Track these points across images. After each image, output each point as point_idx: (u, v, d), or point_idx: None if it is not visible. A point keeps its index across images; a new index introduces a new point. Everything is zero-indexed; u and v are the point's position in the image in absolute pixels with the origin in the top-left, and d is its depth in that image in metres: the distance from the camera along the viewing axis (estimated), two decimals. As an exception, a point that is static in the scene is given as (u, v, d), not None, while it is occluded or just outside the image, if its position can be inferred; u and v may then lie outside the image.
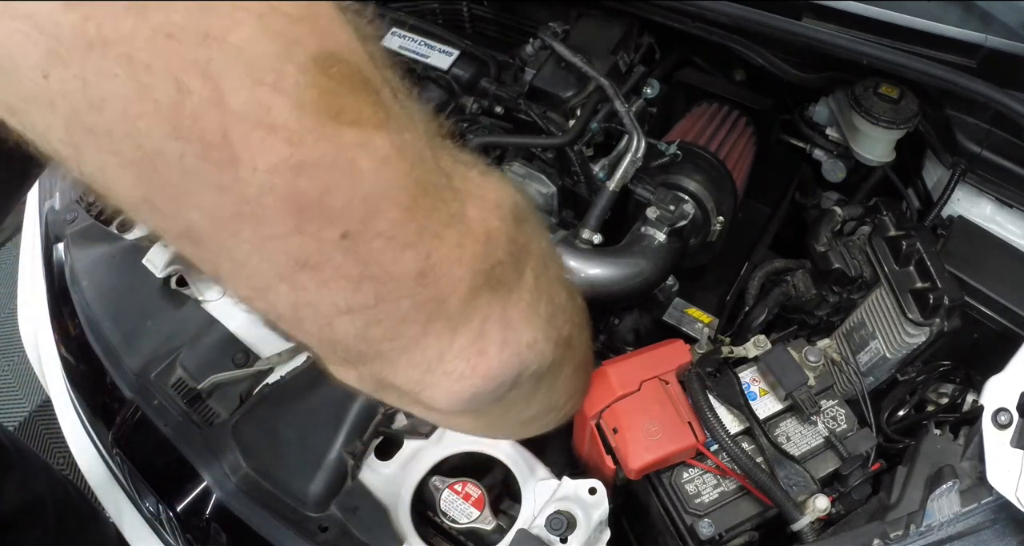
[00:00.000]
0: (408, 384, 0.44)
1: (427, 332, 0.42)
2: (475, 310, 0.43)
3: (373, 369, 0.44)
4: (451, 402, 0.45)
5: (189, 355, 1.01)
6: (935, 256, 0.98)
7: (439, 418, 0.55)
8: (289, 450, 0.89)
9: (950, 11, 0.98)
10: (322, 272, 0.38)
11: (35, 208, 1.36)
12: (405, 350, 0.42)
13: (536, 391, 0.53)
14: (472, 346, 0.43)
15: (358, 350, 0.42)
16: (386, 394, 0.49)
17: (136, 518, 1.11)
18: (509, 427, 0.61)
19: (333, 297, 0.39)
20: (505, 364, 0.45)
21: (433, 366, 0.43)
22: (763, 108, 1.35)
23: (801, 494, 0.81)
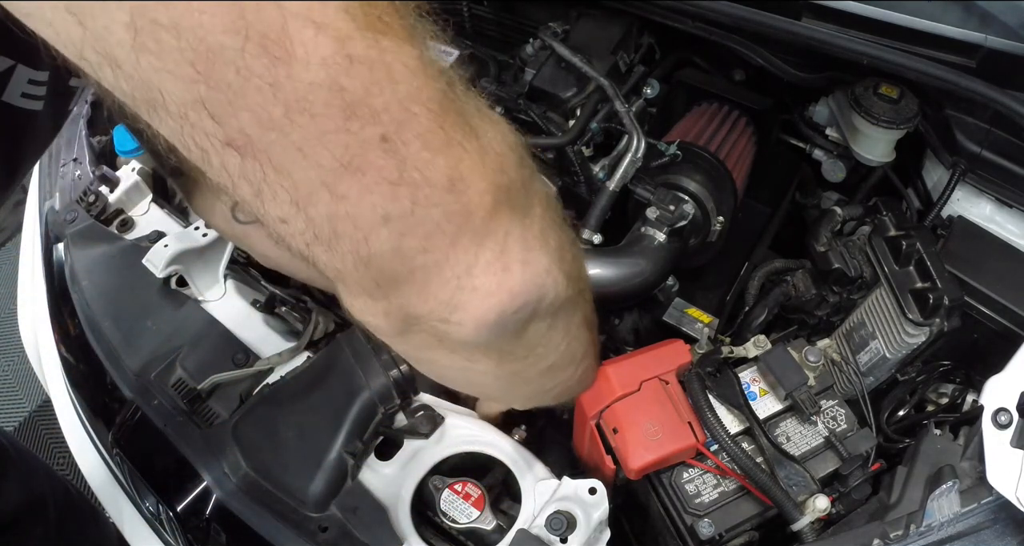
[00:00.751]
0: (437, 309, 0.46)
1: (456, 245, 0.43)
2: (498, 225, 0.45)
3: (402, 298, 0.45)
4: (479, 322, 0.47)
5: (189, 355, 1.01)
6: (935, 256, 0.98)
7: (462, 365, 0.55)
8: (289, 450, 0.89)
9: (950, 11, 0.98)
10: (364, 175, 0.39)
11: (35, 208, 1.36)
12: (436, 265, 0.44)
13: (553, 330, 0.54)
14: (497, 261, 0.45)
15: (391, 269, 0.43)
16: (410, 335, 0.50)
17: (136, 518, 1.11)
18: (531, 379, 0.61)
19: (372, 204, 0.40)
20: (527, 283, 0.47)
21: (463, 282, 0.45)
22: (763, 108, 1.35)
23: (801, 494, 0.81)
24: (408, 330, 0.49)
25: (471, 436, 0.88)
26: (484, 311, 0.46)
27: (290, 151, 0.38)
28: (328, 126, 0.38)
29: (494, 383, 0.60)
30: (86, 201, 1.20)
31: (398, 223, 0.41)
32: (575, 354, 0.62)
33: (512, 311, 0.47)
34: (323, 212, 0.41)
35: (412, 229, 0.42)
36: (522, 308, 0.48)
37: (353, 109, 0.38)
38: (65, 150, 1.33)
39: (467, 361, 0.55)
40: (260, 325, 1.05)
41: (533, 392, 0.65)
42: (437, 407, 0.91)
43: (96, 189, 1.21)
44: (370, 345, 0.89)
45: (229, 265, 1.10)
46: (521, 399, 0.68)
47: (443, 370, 0.60)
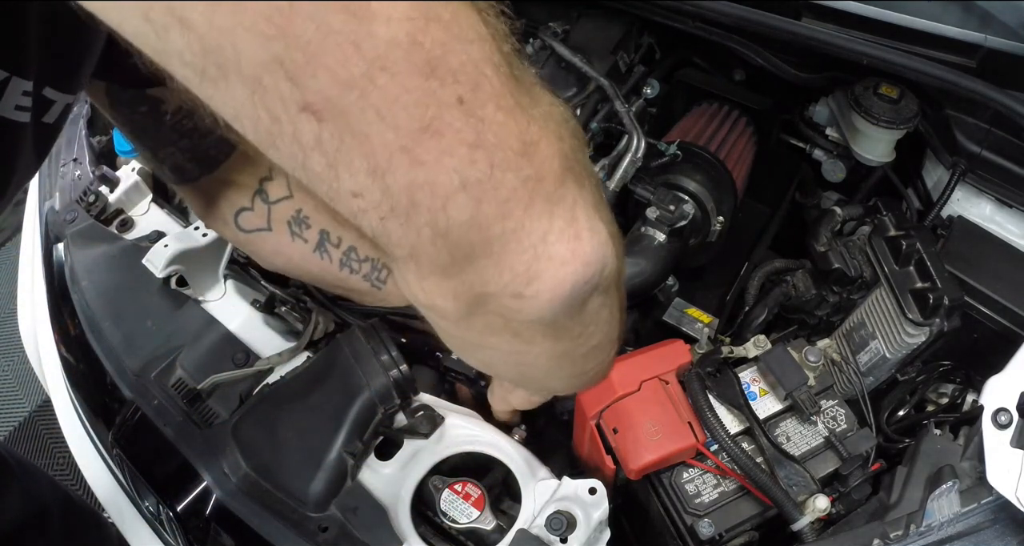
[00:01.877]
0: (513, 281, 0.45)
1: (531, 211, 0.43)
2: (566, 192, 0.45)
3: (476, 274, 0.45)
4: (554, 293, 0.46)
5: (189, 355, 1.01)
6: (935, 256, 0.98)
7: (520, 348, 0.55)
8: (289, 450, 0.89)
9: (950, 11, 0.98)
10: (442, 138, 0.39)
11: (35, 208, 1.36)
12: (513, 234, 0.43)
13: (604, 307, 0.55)
14: (569, 228, 0.45)
15: (468, 240, 0.43)
16: (475, 318, 0.49)
17: (136, 518, 1.11)
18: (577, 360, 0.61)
19: (451, 169, 0.40)
20: (596, 251, 0.47)
21: (539, 250, 0.44)
22: (763, 108, 1.35)
23: (801, 494, 0.81)
24: (475, 312, 0.49)
25: (471, 436, 0.88)
26: (560, 280, 0.46)
27: (369, 113, 0.38)
28: (408, 85, 0.37)
29: (543, 365, 0.60)
30: (86, 201, 1.20)
31: (476, 189, 0.41)
32: (614, 334, 0.62)
33: (584, 281, 0.47)
34: (401, 180, 0.40)
35: (489, 195, 0.42)
36: (592, 278, 0.48)
37: (432, 68, 0.38)
38: (65, 150, 1.33)
39: (526, 344, 0.54)
40: (260, 325, 1.05)
41: (572, 374, 0.65)
42: (437, 407, 0.91)
43: (96, 189, 1.21)
44: (370, 345, 0.89)
45: (229, 265, 1.10)
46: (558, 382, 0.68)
47: (497, 355, 0.59)
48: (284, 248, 0.96)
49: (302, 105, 0.37)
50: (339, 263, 0.97)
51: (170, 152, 0.87)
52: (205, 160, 0.88)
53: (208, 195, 0.93)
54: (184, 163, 0.88)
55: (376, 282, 1.01)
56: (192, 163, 0.88)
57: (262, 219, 0.94)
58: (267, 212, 0.94)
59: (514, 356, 0.57)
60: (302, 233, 0.95)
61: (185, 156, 0.87)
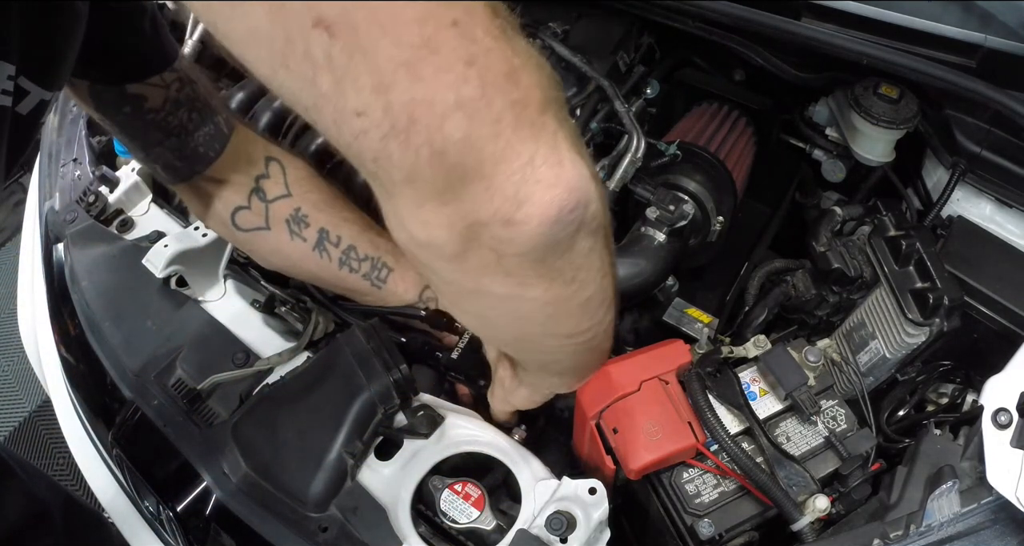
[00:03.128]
0: (503, 206, 0.48)
1: (518, 133, 0.46)
2: (548, 120, 0.48)
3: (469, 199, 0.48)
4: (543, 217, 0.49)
5: (189, 355, 1.01)
6: (935, 256, 0.98)
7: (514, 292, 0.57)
8: (289, 450, 0.89)
9: (950, 11, 0.98)
10: (439, 54, 0.42)
11: (35, 208, 1.36)
12: (503, 155, 0.46)
13: (593, 253, 0.57)
14: (552, 154, 0.48)
15: (462, 160, 0.46)
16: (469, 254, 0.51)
17: (136, 518, 1.11)
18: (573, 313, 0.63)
19: (447, 85, 0.43)
20: (579, 179, 0.49)
21: (527, 173, 0.47)
22: (763, 108, 1.35)
23: (801, 494, 0.81)
24: (468, 247, 0.51)
25: (471, 436, 0.88)
26: (547, 203, 0.48)
27: (375, 28, 0.41)
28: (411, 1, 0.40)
29: (538, 315, 0.61)
30: (86, 201, 1.20)
31: (469, 107, 0.44)
32: (607, 292, 0.64)
33: (569, 208, 0.49)
34: (402, 96, 0.43)
35: (482, 113, 0.44)
36: (576, 207, 0.50)
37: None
38: (65, 150, 1.33)
39: (519, 285, 0.56)
40: (260, 325, 1.05)
41: (569, 332, 0.66)
42: (437, 407, 0.91)
43: (96, 189, 1.21)
44: (370, 345, 0.89)
45: (229, 265, 1.10)
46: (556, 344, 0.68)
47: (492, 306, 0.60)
48: (283, 247, 0.96)
49: (316, 20, 0.40)
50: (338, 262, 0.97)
51: (160, 151, 0.87)
52: (195, 157, 0.88)
53: (204, 194, 0.93)
54: (174, 161, 0.88)
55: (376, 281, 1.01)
56: (182, 161, 0.88)
57: (260, 218, 0.94)
58: (265, 210, 0.94)
59: (510, 303, 0.59)
60: (301, 232, 0.95)
61: (175, 154, 0.87)
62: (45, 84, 0.65)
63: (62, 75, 0.68)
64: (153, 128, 0.84)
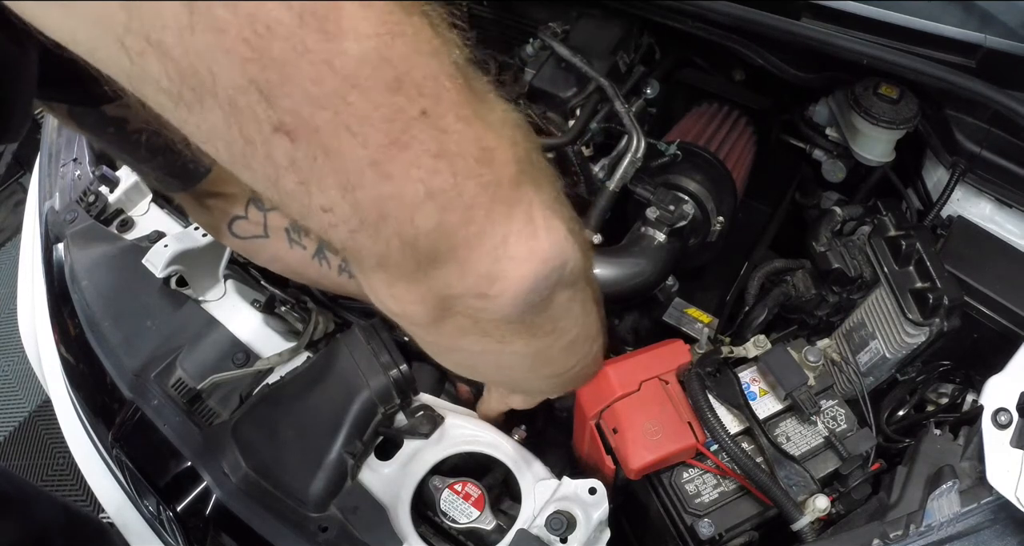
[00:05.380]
0: (476, 283, 0.47)
1: (491, 215, 0.45)
2: (522, 195, 0.47)
3: (442, 277, 0.47)
4: (516, 291, 0.48)
5: (189, 355, 1.01)
6: (935, 256, 0.98)
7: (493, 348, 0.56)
8: (289, 450, 0.89)
9: (950, 11, 0.98)
10: (408, 151, 0.40)
11: (35, 208, 1.36)
12: (477, 238, 0.45)
13: (573, 302, 0.56)
14: (526, 228, 0.47)
15: (434, 247, 0.45)
16: (445, 321, 0.51)
17: (136, 518, 1.11)
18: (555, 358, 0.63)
19: (417, 180, 0.41)
20: (553, 247, 0.49)
21: (499, 252, 0.46)
22: (763, 108, 1.35)
23: (801, 494, 0.81)
24: (443, 316, 0.50)
25: (471, 436, 0.88)
26: (520, 278, 0.48)
27: (340, 130, 0.39)
28: (377, 101, 0.39)
29: (521, 364, 0.61)
30: (86, 201, 1.20)
31: (440, 197, 0.42)
32: (591, 329, 0.64)
33: (544, 276, 0.49)
34: (370, 194, 0.41)
35: (454, 202, 0.43)
36: (552, 273, 0.49)
37: (398, 83, 0.39)
38: (65, 150, 1.33)
39: (498, 343, 0.56)
40: (260, 325, 1.05)
41: (556, 371, 0.66)
42: (437, 407, 0.91)
43: (96, 189, 1.21)
44: (370, 345, 0.89)
45: (229, 265, 1.10)
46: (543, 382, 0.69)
47: (474, 358, 0.60)
48: (282, 254, 0.96)
49: (276, 125, 0.38)
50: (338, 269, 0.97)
51: (149, 168, 0.86)
52: (184, 174, 0.88)
53: (200, 205, 0.92)
54: (166, 177, 0.88)
55: None
56: (173, 178, 0.88)
57: (258, 227, 0.94)
58: (263, 219, 0.94)
59: (491, 357, 0.59)
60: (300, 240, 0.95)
61: (163, 172, 0.87)
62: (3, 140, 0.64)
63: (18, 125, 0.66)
64: (139, 148, 0.83)
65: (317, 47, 0.36)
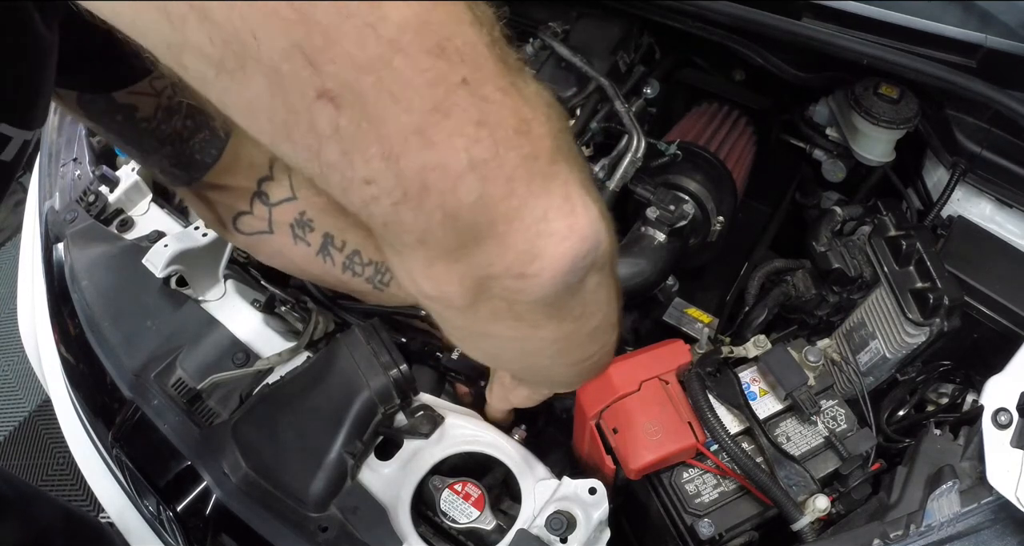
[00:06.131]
0: (516, 261, 0.47)
1: (531, 189, 0.45)
2: (559, 170, 0.46)
3: (482, 254, 0.46)
4: (555, 269, 0.48)
5: (189, 355, 1.01)
6: (935, 256, 0.98)
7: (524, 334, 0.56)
8: (289, 450, 0.89)
9: (950, 11, 0.98)
10: (451, 118, 0.40)
11: (35, 208, 1.36)
12: (517, 212, 0.45)
13: (601, 286, 0.56)
14: (565, 204, 0.46)
15: (475, 221, 0.44)
16: (479, 304, 0.50)
17: (136, 518, 1.11)
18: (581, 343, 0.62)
19: (460, 149, 0.41)
20: (591, 225, 0.48)
21: (540, 227, 0.46)
22: (763, 108, 1.35)
23: (801, 494, 0.81)
24: (479, 299, 0.50)
25: (471, 436, 0.88)
26: (560, 256, 0.47)
27: (384, 96, 0.39)
28: (421, 65, 0.38)
29: (548, 350, 0.61)
30: (86, 201, 1.20)
31: (483, 168, 0.42)
32: (612, 318, 0.63)
33: (582, 256, 0.48)
34: (414, 163, 0.41)
35: (495, 173, 0.43)
36: (589, 253, 0.49)
37: (440, 48, 0.39)
38: (65, 150, 1.33)
39: (530, 328, 0.55)
40: (260, 325, 1.05)
41: (577, 359, 0.66)
42: (437, 407, 0.91)
43: (96, 189, 1.21)
44: (370, 345, 0.89)
45: (229, 265, 1.10)
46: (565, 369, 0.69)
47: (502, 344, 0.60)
48: (286, 250, 0.96)
49: (320, 91, 0.38)
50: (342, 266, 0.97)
51: (156, 158, 0.86)
52: (191, 165, 0.88)
53: (205, 199, 0.92)
54: (172, 168, 0.88)
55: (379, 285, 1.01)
56: (180, 168, 0.88)
57: (263, 222, 0.94)
58: (268, 214, 0.94)
59: (519, 343, 0.58)
60: (305, 236, 0.95)
61: (171, 162, 0.87)
62: (25, 125, 0.63)
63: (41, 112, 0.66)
64: (147, 137, 0.83)
65: (360, 11, 0.36)
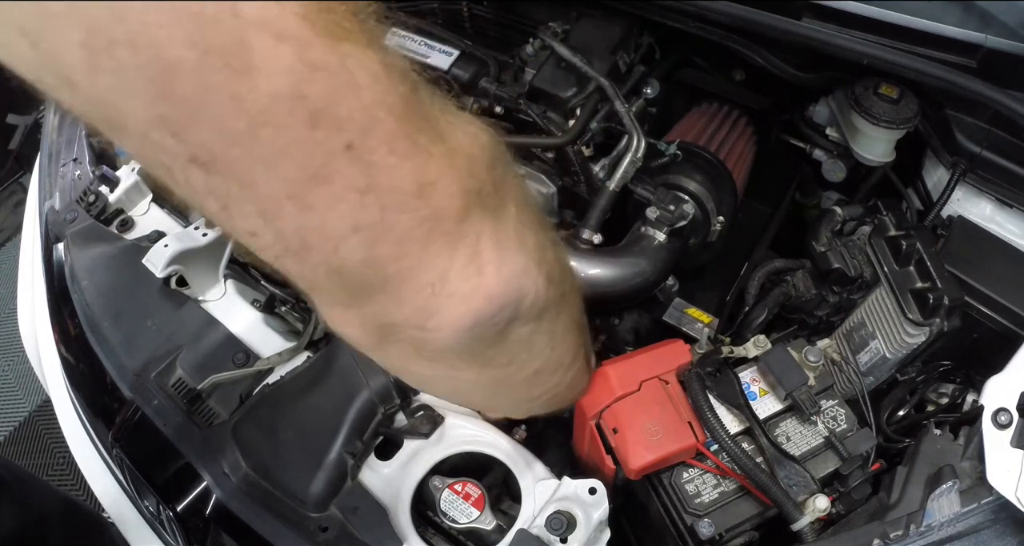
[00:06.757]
0: (413, 315, 0.45)
1: (428, 250, 0.43)
2: (469, 227, 0.44)
3: (376, 306, 0.45)
4: (456, 328, 0.46)
5: (189, 355, 1.01)
6: (935, 256, 0.98)
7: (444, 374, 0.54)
8: (289, 450, 0.89)
9: (950, 11, 0.98)
10: (331, 185, 0.39)
11: (35, 208, 1.36)
12: (410, 272, 0.43)
13: (537, 334, 0.53)
14: (471, 264, 0.45)
15: (364, 278, 0.43)
16: (387, 345, 0.49)
17: (136, 518, 1.11)
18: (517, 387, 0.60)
19: (341, 214, 0.40)
20: (504, 284, 0.46)
21: (437, 288, 0.44)
22: (763, 108, 1.35)
23: (801, 494, 0.81)
24: (385, 341, 0.49)
25: (471, 436, 0.88)
26: (460, 316, 0.46)
27: (255, 165, 0.38)
28: (292, 137, 0.37)
29: (478, 391, 0.59)
30: (86, 201, 1.20)
31: (368, 232, 0.41)
32: (562, 359, 0.61)
33: (490, 315, 0.47)
34: (291, 224, 0.40)
35: (383, 236, 0.41)
36: (500, 311, 0.47)
37: (317, 118, 0.37)
38: (65, 150, 1.33)
39: (449, 370, 0.54)
40: (260, 325, 1.05)
41: (520, 400, 0.64)
42: (437, 407, 0.91)
43: (96, 189, 1.21)
44: (370, 345, 0.89)
45: (229, 265, 1.10)
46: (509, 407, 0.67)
47: (427, 380, 0.59)
48: None
49: (189, 157, 0.37)
50: None
51: None
52: None
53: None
54: None
55: None
56: None
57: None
58: None
59: (444, 382, 0.57)
60: None
61: None
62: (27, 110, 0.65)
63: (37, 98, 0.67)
64: None
65: (224, 85, 0.35)
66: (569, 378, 0.64)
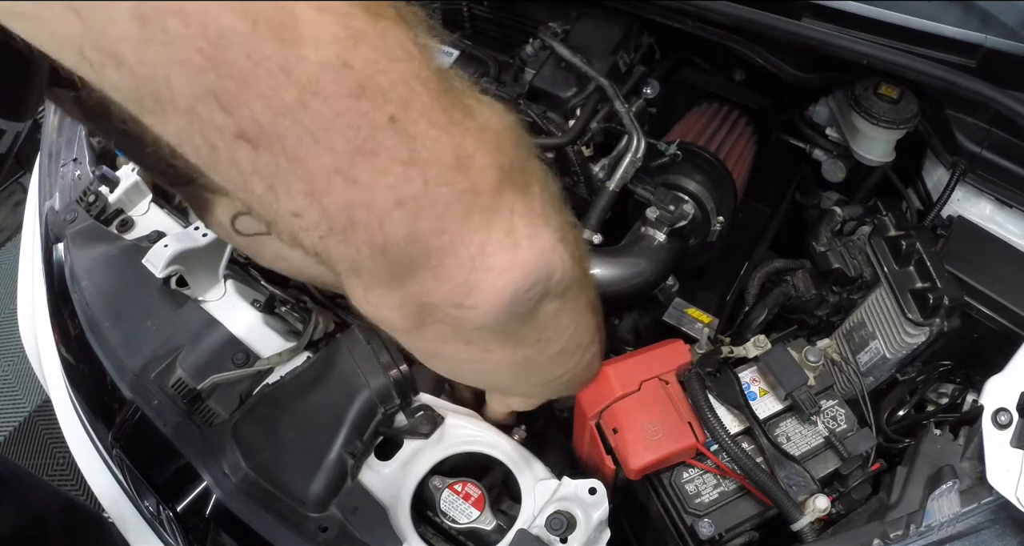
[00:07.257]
0: (452, 293, 0.46)
1: (467, 224, 0.44)
2: (503, 202, 0.45)
3: (417, 286, 0.45)
4: (495, 302, 0.47)
5: (189, 355, 1.01)
6: (935, 256, 0.98)
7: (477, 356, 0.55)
8: (289, 450, 0.89)
9: (950, 11, 0.98)
10: (377, 157, 0.39)
11: (35, 208, 1.36)
12: (451, 247, 0.44)
13: (562, 311, 0.54)
14: (507, 238, 0.45)
15: (407, 254, 0.43)
16: (424, 328, 0.50)
17: (136, 518, 1.11)
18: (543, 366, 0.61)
19: (386, 187, 0.40)
20: (537, 258, 0.47)
21: (477, 262, 0.45)
22: (763, 108, 1.35)
23: (801, 494, 0.81)
24: (423, 322, 0.49)
25: (471, 436, 0.88)
26: (499, 290, 0.46)
27: (303, 138, 0.38)
28: (340, 107, 0.38)
29: (507, 372, 0.60)
30: (86, 201, 1.20)
31: (412, 205, 0.41)
32: (583, 338, 0.62)
33: (525, 288, 0.48)
34: (338, 200, 0.40)
35: (425, 210, 0.42)
36: (534, 285, 0.48)
37: (363, 88, 0.38)
38: (65, 150, 1.33)
39: (482, 351, 0.54)
40: (260, 325, 1.05)
41: (544, 380, 0.65)
42: (437, 407, 0.91)
43: (96, 189, 1.21)
44: (370, 345, 0.89)
45: (229, 265, 1.10)
46: (532, 389, 0.68)
47: (458, 364, 0.59)
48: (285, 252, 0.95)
49: (237, 133, 0.37)
50: None
51: (155, 159, 0.86)
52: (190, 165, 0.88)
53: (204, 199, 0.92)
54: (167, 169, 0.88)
55: None
56: (175, 169, 0.88)
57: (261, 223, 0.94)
58: None
59: (475, 364, 0.57)
60: None
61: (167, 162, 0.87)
62: (17, 117, 0.63)
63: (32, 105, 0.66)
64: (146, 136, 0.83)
65: (274, 54, 0.35)
66: (587, 359, 0.66)
